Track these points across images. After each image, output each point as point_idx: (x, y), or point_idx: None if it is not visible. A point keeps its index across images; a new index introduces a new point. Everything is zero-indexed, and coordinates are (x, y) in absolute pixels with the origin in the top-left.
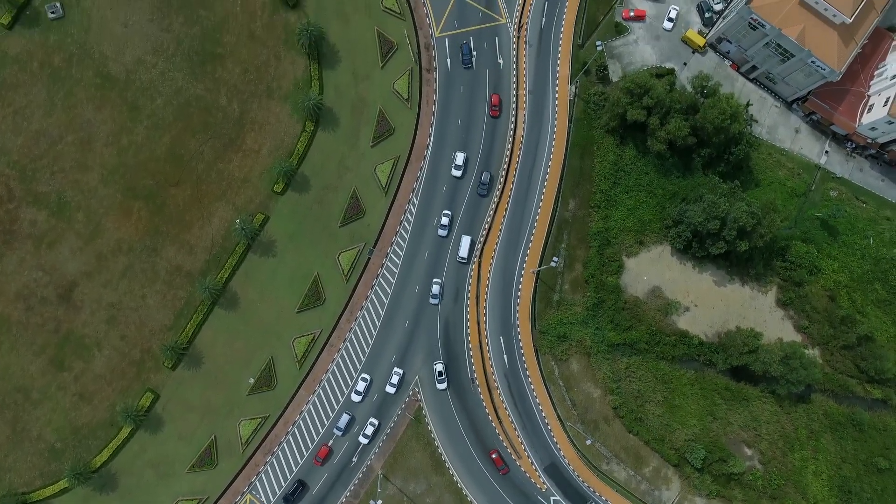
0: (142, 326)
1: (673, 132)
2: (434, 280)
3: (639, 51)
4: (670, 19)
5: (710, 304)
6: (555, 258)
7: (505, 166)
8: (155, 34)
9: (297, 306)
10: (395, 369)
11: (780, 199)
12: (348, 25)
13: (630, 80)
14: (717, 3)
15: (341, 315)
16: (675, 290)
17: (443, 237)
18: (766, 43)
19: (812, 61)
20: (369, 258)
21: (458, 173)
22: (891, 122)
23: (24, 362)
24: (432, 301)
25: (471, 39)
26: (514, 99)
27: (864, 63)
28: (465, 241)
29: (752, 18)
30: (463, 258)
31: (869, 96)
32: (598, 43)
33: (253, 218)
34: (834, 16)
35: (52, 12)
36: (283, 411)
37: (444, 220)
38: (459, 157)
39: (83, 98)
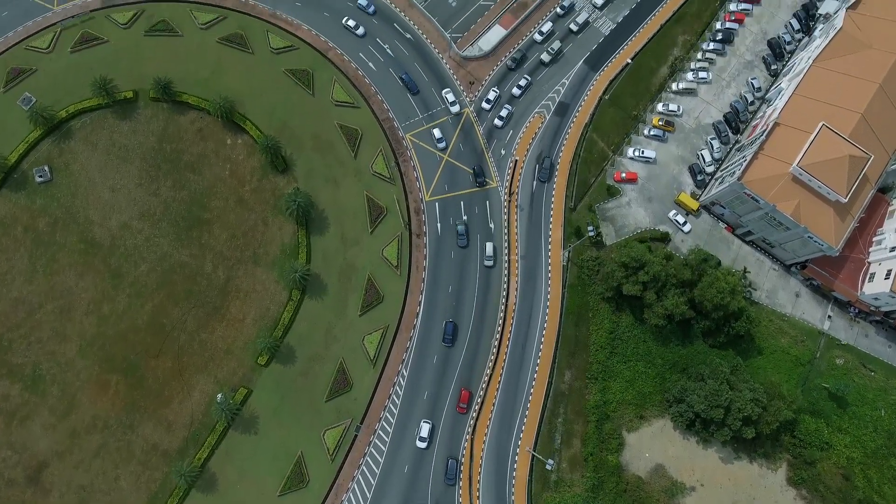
0: None
1: (670, 308)
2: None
3: (632, 213)
4: (678, 222)
5: (717, 483)
6: (549, 461)
7: (497, 336)
8: (142, 199)
9: (279, 489)
10: None
11: (785, 368)
12: (338, 190)
13: (625, 254)
14: (709, 165)
15: (326, 498)
16: (680, 468)
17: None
18: (761, 215)
19: (809, 236)
20: (356, 436)
21: (422, 445)
22: (894, 296)
23: None
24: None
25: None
26: (507, 264)
27: (862, 228)
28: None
29: (744, 193)
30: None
31: (869, 263)
32: (590, 229)
33: (235, 392)
34: (828, 193)
35: (40, 176)
36: None
37: (424, 432)
38: (424, 429)
39: (66, 264)
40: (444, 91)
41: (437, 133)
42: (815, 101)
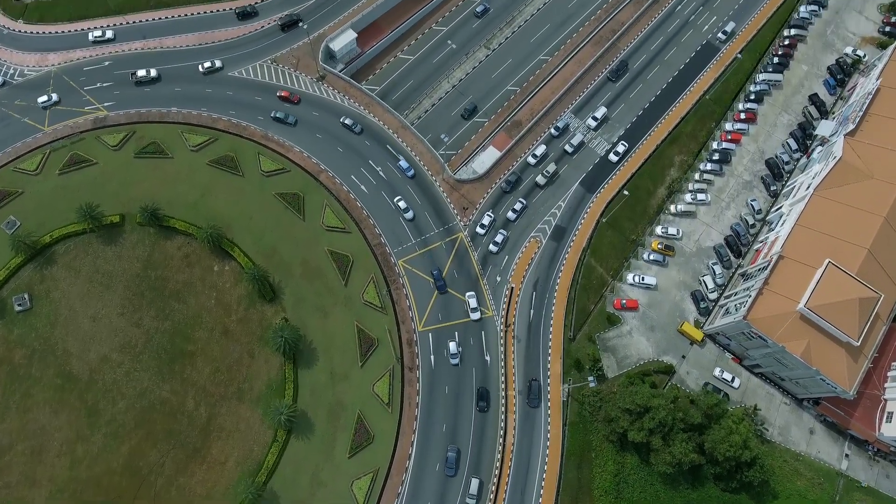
0: None
1: (678, 456)
2: None
3: (633, 343)
4: (726, 380)
5: None
6: None
7: (495, 481)
8: (124, 329)
9: None
10: None
11: None
12: (327, 320)
13: (629, 398)
14: (712, 292)
15: None
16: None
17: None
18: (769, 352)
19: (821, 378)
20: None
21: None
22: None
23: None
24: None
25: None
26: (504, 400)
27: (876, 362)
28: None
29: (751, 331)
30: None
31: (886, 401)
32: (590, 378)
33: None
34: (839, 335)
35: (20, 304)
36: None
37: None
38: None
39: (41, 400)
40: (467, 294)
41: (453, 347)
42: (819, 234)
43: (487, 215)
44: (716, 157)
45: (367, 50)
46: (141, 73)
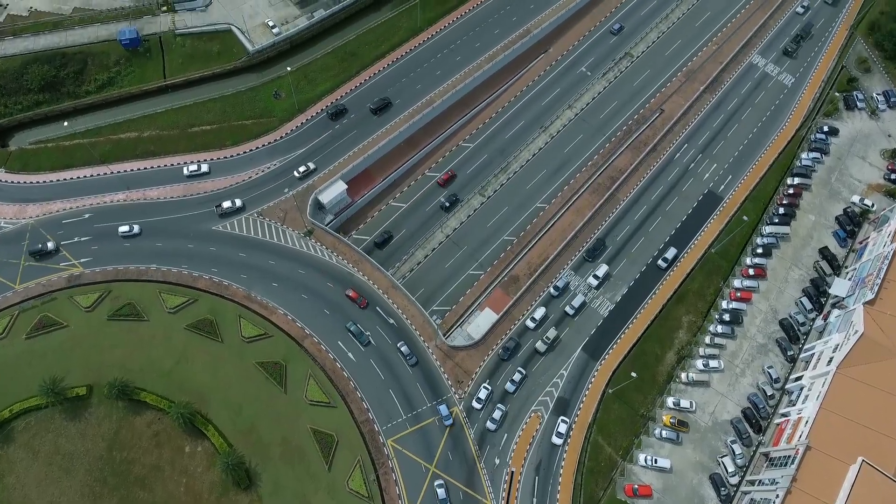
0: None
1: None
2: None
3: None
4: None
5: None
6: None
7: None
8: None
9: None
10: None
11: None
12: None
13: None
14: (733, 476)
15: None
16: None
17: None
18: None
19: None
20: None
21: None
22: None
23: None
24: None
25: None
26: None
27: None
28: None
29: None
30: None
31: None
32: None
33: None
34: None
35: None
36: None
37: None
38: None
39: None
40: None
41: None
42: (847, 421)
43: (484, 388)
44: (726, 317)
45: (358, 199)
46: (226, 204)
